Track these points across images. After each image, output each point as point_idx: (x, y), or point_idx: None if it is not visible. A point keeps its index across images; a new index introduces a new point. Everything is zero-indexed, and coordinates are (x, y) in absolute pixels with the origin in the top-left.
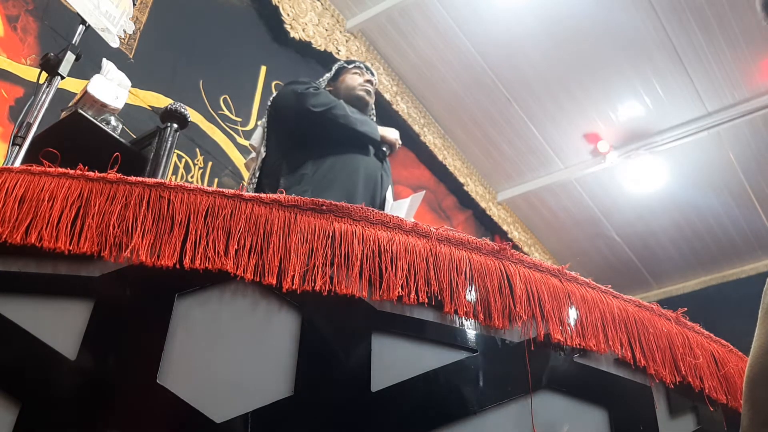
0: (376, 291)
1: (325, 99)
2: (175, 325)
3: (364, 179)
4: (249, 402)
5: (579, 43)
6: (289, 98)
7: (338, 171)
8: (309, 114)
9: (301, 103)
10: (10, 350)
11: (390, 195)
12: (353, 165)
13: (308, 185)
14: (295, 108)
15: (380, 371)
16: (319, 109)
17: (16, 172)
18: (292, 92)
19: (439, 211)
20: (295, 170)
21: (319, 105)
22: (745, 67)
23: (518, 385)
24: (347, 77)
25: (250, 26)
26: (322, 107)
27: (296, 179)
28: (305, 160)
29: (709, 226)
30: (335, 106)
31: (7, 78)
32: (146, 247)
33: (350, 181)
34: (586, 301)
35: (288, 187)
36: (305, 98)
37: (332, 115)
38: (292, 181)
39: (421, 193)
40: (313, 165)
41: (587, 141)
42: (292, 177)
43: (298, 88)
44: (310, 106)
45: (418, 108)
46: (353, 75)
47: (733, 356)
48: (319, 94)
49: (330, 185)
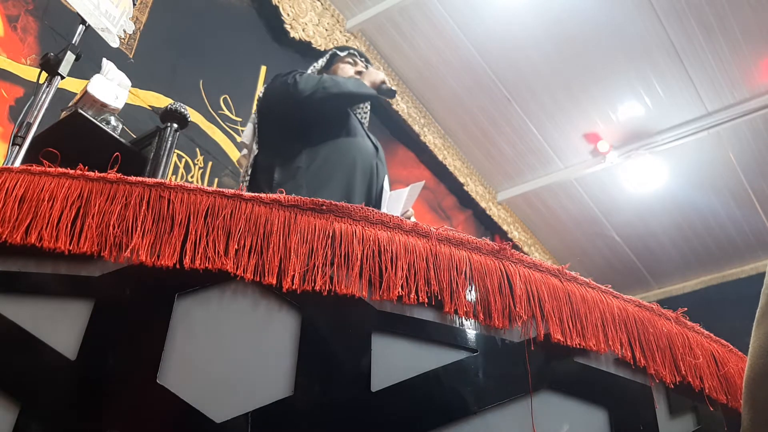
0: (376, 291)
1: (312, 80)
2: (175, 325)
3: (361, 171)
4: (249, 402)
5: (579, 43)
6: (280, 92)
7: (334, 163)
8: (303, 101)
9: (293, 94)
10: (10, 350)
11: (387, 185)
12: (349, 156)
13: (303, 179)
14: (289, 99)
15: (380, 371)
16: (309, 92)
17: (16, 172)
18: (282, 85)
19: (439, 211)
20: (290, 164)
21: (308, 88)
22: (745, 67)
23: (518, 385)
24: (339, 68)
25: (250, 26)
26: (312, 89)
27: (291, 173)
28: (299, 151)
29: (709, 226)
30: (322, 80)
31: (7, 78)
32: (146, 247)
33: (347, 175)
34: (586, 301)
35: (282, 181)
36: (295, 87)
37: (324, 91)
38: (287, 176)
39: (420, 183)
40: (307, 157)
41: (587, 141)
42: (286, 171)
43: (287, 79)
44: (301, 92)
45: (418, 108)
46: (345, 65)
47: (733, 356)
48: (306, 78)
49: (327, 180)
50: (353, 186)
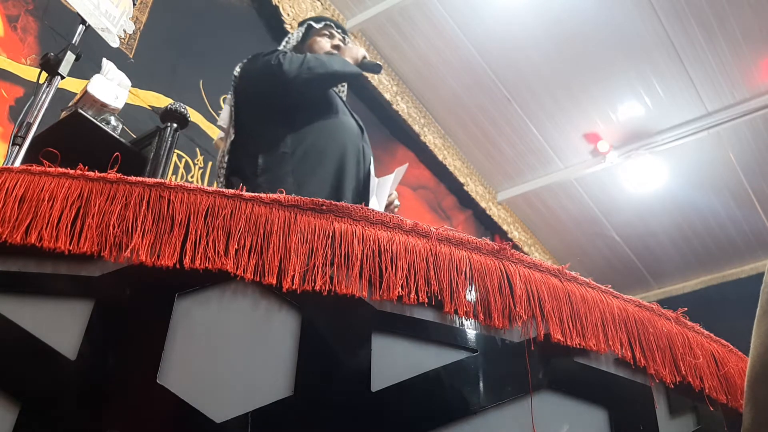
0: (376, 291)
1: (296, 60)
2: (175, 325)
3: (352, 155)
4: (249, 402)
5: (579, 43)
6: (263, 73)
7: (322, 148)
8: (289, 82)
9: (277, 75)
10: (10, 350)
11: (373, 170)
12: (337, 140)
13: (289, 165)
14: (273, 81)
15: (380, 371)
16: (294, 73)
17: (16, 172)
18: (265, 66)
19: (439, 211)
20: (274, 149)
21: (293, 69)
22: (745, 67)
23: (518, 385)
24: (315, 41)
25: (250, 26)
26: (297, 70)
27: (276, 159)
28: (283, 136)
29: (709, 226)
30: (307, 60)
31: (7, 78)
32: (146, 247)
33: (337, 160)
34: (586, 301)
35: (267, 168)
36: (280, 68)
37: (309, 71)
38: (272, 162)
39: (404, 166)
40: (292, 142)
41: (587, 141)
42: (270, 157)
43: (270, 60)
44: (286, 74)
45: (418, 108)
46: (322, 38)
47: (733, 356)
48: (290, 58)
49: (316, 165)
50: (344, 171)
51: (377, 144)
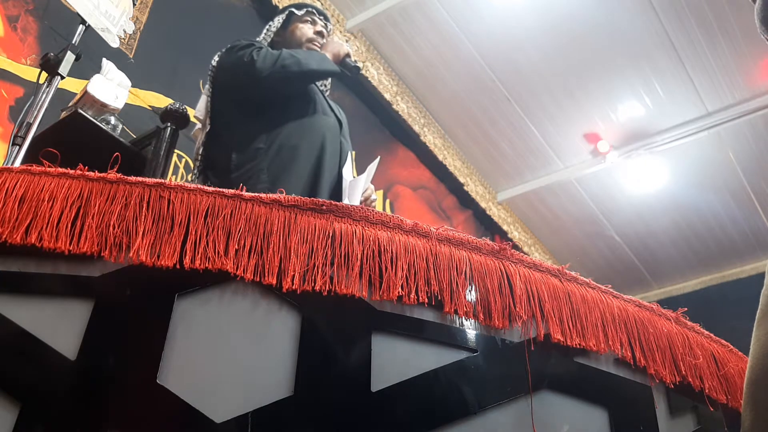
0: (376, 291)
1: (270, 57)
2: (175, 325)
3: (326, 151)
4: (249, 402)
5: (579, 43)
6: (235, 70)
7: (297, 144)
8: (261, 80)
9: (250, 73)
10: (10, 350)
11: (347, 172)
12: (313, 136)
13: (264, 162)
14: (245, 79)
15: (380, 371)
16: (267, 71)
17: (16, 172)
18: (237, 62)
19: (439, 211)
20: (248, 144)
21: (266, 68)
22: (745, 67)
23: (518, 385)
24: (297, 27)
25: (250, 26)
26: (270, 68)
27: (250, 155)
28: (258, 131)
29: (709, 226)
30: (282, 57)
31: (7, 78)
32: (146, 247)
33: (312, 156)
34: (586, 301)
35: (241, 164)
36: (252, 66)
37: (283, 70)
38: (246, 158)
39: (376, 160)
40: (267, 137)
41: (587, 141)
42: (244, 153)
43: (243, 56)
44: (259, 72)
45: (418, 108)
46: (304, 25)
47: (733, 356)
48: (264, 55)
49: (290, 162)
50: (321, 167)
51: (378, 144)
